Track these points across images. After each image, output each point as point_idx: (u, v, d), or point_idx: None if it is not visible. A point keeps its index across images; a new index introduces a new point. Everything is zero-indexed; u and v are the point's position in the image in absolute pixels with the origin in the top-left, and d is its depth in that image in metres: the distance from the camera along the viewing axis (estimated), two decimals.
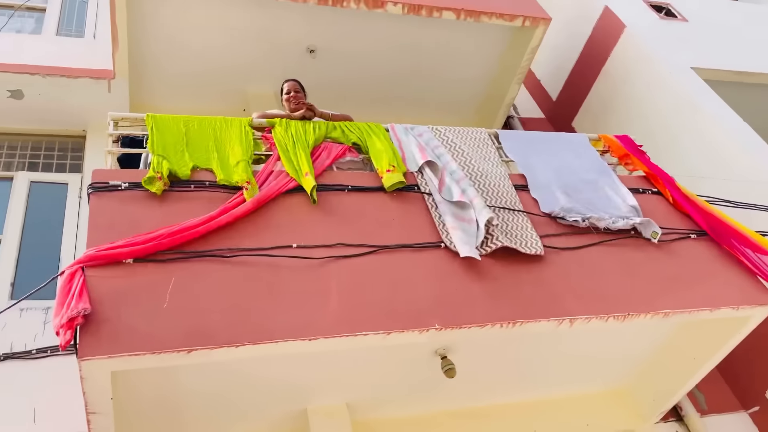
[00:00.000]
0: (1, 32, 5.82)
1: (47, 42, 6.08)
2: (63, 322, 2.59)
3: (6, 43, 5.69)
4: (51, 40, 6.15)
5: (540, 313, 3.40)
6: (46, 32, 6.29)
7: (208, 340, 2.77)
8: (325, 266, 3.27)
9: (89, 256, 2.90)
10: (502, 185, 4.06)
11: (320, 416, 3.95)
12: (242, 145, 3.76)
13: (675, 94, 5.96)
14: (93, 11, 6.74)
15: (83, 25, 6.59)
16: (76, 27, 6.57)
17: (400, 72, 6.39)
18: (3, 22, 6.18)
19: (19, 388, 3.85)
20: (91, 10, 6.75)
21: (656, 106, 6.08)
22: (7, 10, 6.45)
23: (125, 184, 3.31)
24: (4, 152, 5.41)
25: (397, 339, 3.14)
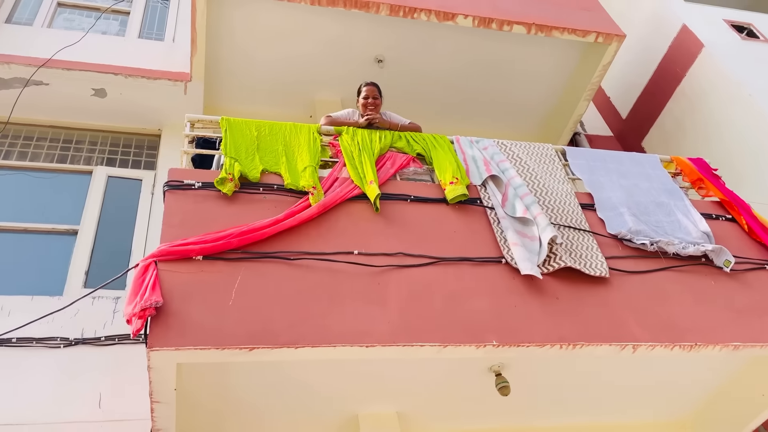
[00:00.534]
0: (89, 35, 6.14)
1: (130, 44, 6.38)
2: (136, 311, 2.72)
3: (92, 43, 6.01)
4: (133, 43, 6.45)
5: (602, 336, 3.32)
6: (129, 35, 6.61)
7: (269, 339, 2.84)
8: (384, 274, 3.30)
9: (162, 251, 3.02)
10: (568, 203, 3.99)
11: (371, 423, 3.97)
12: (310, 151, 3.84)
13: (756, 117, 5.71)
14: (173, 16, 7.04)
15: (164, 29, 6.89)
16: (157, 30, 6.87)
17: (467, 84, 6.38)
18: (90, 23, 6.53)
19: (87, 373, 4.03)
20: (171, 15, 7.05)
21: (735, 129, 5.85)
22: (93, 12, 6.81)
23: (198, 184, 3.43)
24: (85, 147, 5.71)
25: (452, 353, 3.13)
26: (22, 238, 4.86)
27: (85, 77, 5.50)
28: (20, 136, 5.61)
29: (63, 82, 5.48)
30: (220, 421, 3.74)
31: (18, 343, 4.07)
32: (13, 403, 3.78)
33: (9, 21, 6.24)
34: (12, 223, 4.85)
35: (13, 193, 5.16)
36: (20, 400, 3.81)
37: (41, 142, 5.63)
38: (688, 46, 6.44)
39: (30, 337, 4.09)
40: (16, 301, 4.27)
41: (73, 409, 3.84)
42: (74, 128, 5.82)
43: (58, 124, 5.76)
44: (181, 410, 3.26)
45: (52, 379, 3.95)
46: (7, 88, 5.44)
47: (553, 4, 6.09)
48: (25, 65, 5.33)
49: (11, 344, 4.06)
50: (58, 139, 5.70)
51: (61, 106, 5.65)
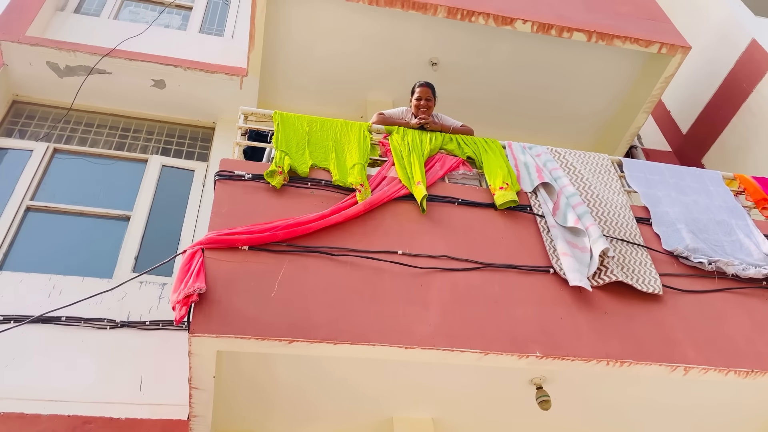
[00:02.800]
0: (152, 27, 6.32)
1: (190, 38, 6.53)
2: (180, 298, 2.75)
3: (155, 35, 6.17)
4: (194, 37, 6.60)
5: (652, 356, 3.18)
6: (190, 29, 6.76)
7: (309, 333, 2.83)
8: (428, 276, 3.25)
9: (210, 239, 3.05)
10: (623, 215, 3.85)
11: (406, 427, 3.91)
12: (360, 148, 3.83)
13: None
14: (234, 12, 7.17)
15: (224, 25, 7.02)
16: (217, 26, 7.02)
17: (522, 91, 6.26)
18: (154, 17, 6.72)
19: (130, 356, 4.11)
20: (232, 12, 7.19)
21: None
22: (158, 6, 7.00)
23: (248, 175, 3.46)
24: (142, 136, 5.86)
25: (493, 361, 3.06)
26: (77, 221, 5.01)
27: (146, 68, 5.64)
28: (82, 122, 5.80)
29: (125, 72, 5.64)
30: (255, 412, 3.75)
31: (67, 322, 4.18)
32: (57, 379, 3.88)
33: (77, 11, 6.47)
34: (69, 206, 5.00)
35: (72, 176, 5.33)
36: (65, 377, 3.91)
37: (101, 129, 5.80)
38: (757, 61, 6.16)
39: (78, 317, 4.21)
40: (68, 281, 4.39)
41: (114, 390, 3.91)
42: (133, 117, 5.98)
43: (118, 113, 5.93)
44: (219, 398, 3.29)
45: (96, 359, 4.04)
46: (72, 75, 5.63)
47: (617, 13, 5.93)
48: (90, 54, 5.51)
49: (60, 323, 4.18)
50: (117, 127, 5.87)
51: (121, 95, 5.82)
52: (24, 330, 3.92)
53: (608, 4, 6.02)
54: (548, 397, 3.60)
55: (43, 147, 5.38)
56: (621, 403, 3.98)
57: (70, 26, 6.09)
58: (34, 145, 5.39)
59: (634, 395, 3.90)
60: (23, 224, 4.85)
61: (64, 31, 5.95)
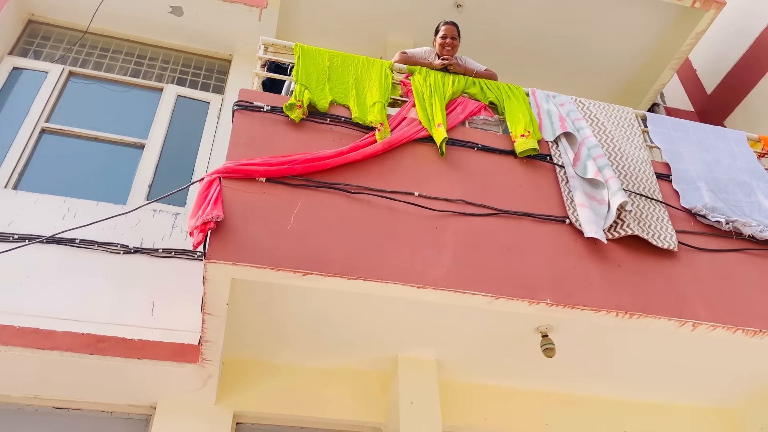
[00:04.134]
0: None
1: None
2: (197, 224, 2.75)
3: None
4: None
5: (662, 310, 3.20)
6: None
7: (323, 267, 2.85)
8: (443, 219, 3.24)
9: (228, 168, 3.03)
10: (643, 170, 3.80)
11: (410, 366, 3.98)
12: (381, 87, 3.76)
13: None
14: None
15: None
16: None
17: (549, 38, 6.08)
18: None
19: (143, 281, 4.16)
20: None
21: None
22: None
23: (267, 107, 3.41)
24: (158, 64, 5.77)
25: (503, 305, 3.08)
26: (91, 146, 4.99)
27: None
28: (97, 47, 5.70)
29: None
30: (264, 341, 3.83)
31: (81, 244, 4.21)
32: (71, 299, 3.93)
33: None
34: (83, 130, 4.97)
35: (87, 101, 5.28)
36: (78, 297, 3.95)
37: (117, 55, 5.71)
38: None
39: (92, 240, 4.24)
40: (82, 205, 4.40)
41: (126, 313, 3.97)
42: (149, 44, 5.86)
43: (134, 39, 5.82)
44: (230, 325, 3.34)
45: (109, 283, 4.08)
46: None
47: None
48: None
49: (75, 245, 4.21)
50: (133, 54, 5.77)
51: (138, 20, 5.69)
52: (38, 250, 3.97)
53: None
54: (553, 345, 3.64)
55: (58, 69, 5.31)
56: (627, 357, 4.03)
57: None
58: (49, 66, 5.32)
59: (638, 351, 3.95)
60: (38, 146, 4.84)
61: None
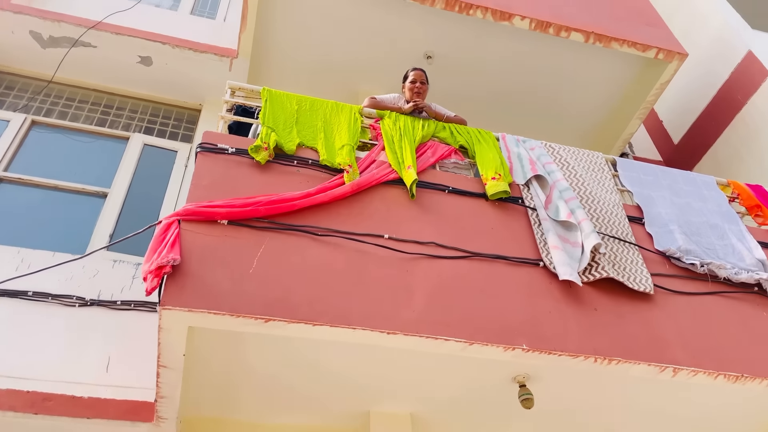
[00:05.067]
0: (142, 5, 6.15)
1: (181, 18, 6.37)
2: (152, 268, 2.60)
3: (144, 13, 6.01)
4: (185, 17, 6.44)
5: (642, 355, 3.08)
6: (181, 9, 6.60)
7: (287, 312, 2.69)
8: (414, 262, 3.12)
9: (187, 210, 2.91)
10: (615, 213, 3.76)
11: (383, 422, 3.77)
12: (349, 130, 3.70)
13: None
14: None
15: (216, 8, 6.88)
16: (209, 9, 6.86)
17: (516, 89, 6.17)
18: None
19: (99, 335, 3.93)
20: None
21: None
22: None
23: (232, 149, 3.32)
24: (125, 113, 5.68)
25: (478, 352, 2.94)
26: (51, 195, 4.81)
27: (133, 43, 5.47)
28: (63, 96, 5.61)
29: (111, 46, 5.47)
30: (225, 397, 3.59)
31: (33, 297, 4.00)
32: (20, 355, 3.69)
33: None
34: (43, 179, 4.81)
35: (49, 150, 5.14)
36: (28, 353, 3.71)
37: (82, 105, 5.61)
38: (752, 73, 6.13)
39: (46, 293, 4.02)
40: (38, 255, 4.20)
41: (79, 370, 3.72)
42: (116, 94, 5.80)
43: (100, 89, 5.75)
44: (188, 380, 3.12)
45: (62, 337, 3.85)
46: (55, 46, 5.45)
47: (615, 16, 5.87)
48: (75, 25, 5.33)
49: (27, 297, 3.98)
50: (99, 104, 5.69)
51: (106, 70, 5.64)
52: None
53: (606, 8, 5.97)
54: (531, 395, 3.48)
55: (20, 118, 5.19)
56: (605, 405, 3.88)
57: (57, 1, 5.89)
58: (11, 115, 5.19)
59: (618, 398, 3.80)
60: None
61: (49, 3, 5.77)
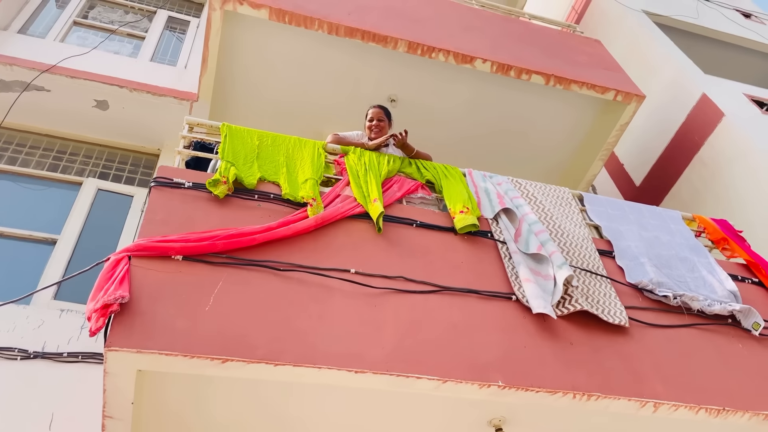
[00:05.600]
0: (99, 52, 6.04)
1: (140, 65, 6.25)
2: (97, 307, 2.38)
3: (102, 59, 5.89)
4: (144, 64, 6.32)
5: (621, 390, 2.95)
6: (141, 57, 6.50)
7: (246, 352, 2.48)
8: (382, 297, 2.97)
9: (139, 245, 2.71)
10: (585, 247, 3.70)
11: None
12: (313, 164, 3.59)
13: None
14: (189, 45, 6.97)
15: (177, 56, 6.80)
16: (170, 57, 6.79)
17: (480, 131, 6.21)
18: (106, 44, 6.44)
19: (42, 390, 3.62)
20: (187, 43, 6.99)
21: (757, 198, 5.60)
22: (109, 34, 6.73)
23: (189, 183, 3.16)
24: (79, 159, 5.47)
25: (451, 390, 2.76)
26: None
27: (89, 87, 5.33)
28: (13, 142, 5.38)
29: (65, 90, 5.31)
30: None
31: None
32: None
33: (23, 32, 6.14)
34: None
35: None
36: None
37: (33, 150, 5.39)
38: (707, 115, 6.32)
39: None
40: None
41: (21, 428, 3.41)
42: (70, 139, 5.60)
43: (54, 134, 5.55)
44: None
45: (2, 392, 3.53)
46: (7, 90, 5.27)
47: (574, 61, 6.02)
48: (28, 69, 5.18)
49: None
50: (52, 149, 5.47)
51: (60, 115, 5.46)
52: None
53: (565, 53, 6.13)
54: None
55: None
56: None
57: (12, 44, 5.72)
58: None
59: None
60: None
61: (4, 48, 5.60)
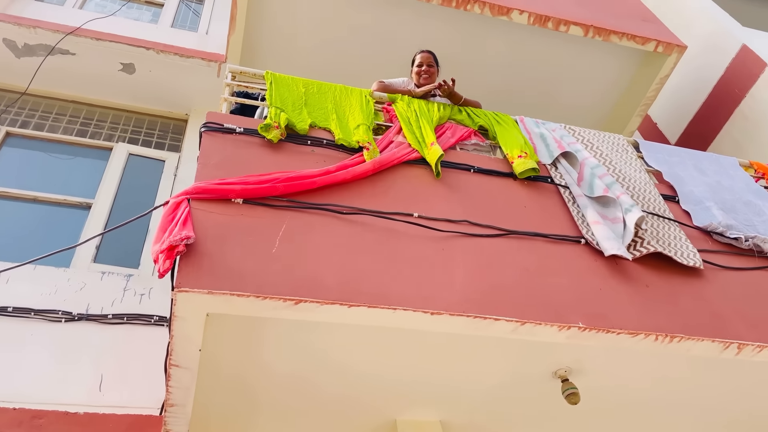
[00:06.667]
0: (119, 18, 5.88)
1: (162, 30, 6.09)
2: (163, 248, 2.25)
3: (124, 24, 5.73)
4: (166, 30, 6.16)
5: (704, 331, 2.80)
6: (161, 23, 6.33)
7: (319, 293, 2.35)
8: (449, 241, 2.82)
9: (198, 188, 2.58)
10: (649, 191, 3.53)
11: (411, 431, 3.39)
12: (363, 111, 3.44)
13: None
14: (208, 12, 6.79)
15: (197, 22, 6.63)
16: (190, 23, 6.61)
17: (517, 86, 6.01)
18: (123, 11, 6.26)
19: (89, 352, 3.52)
20: (206, 10, 6.81)
21: None
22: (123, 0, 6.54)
23: (240, 129, 3.01)
24: (107, 125, 5.33)
25: (529, 333, 2.62)
26: (30, 208, 4.41)
27: (114, 49, 5.16)
28: (39, 109, 5.24)
29: (90, 53, 5.15)
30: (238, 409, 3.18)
31: (15, 313, 3.59)
32: (9, 377, 3.27)
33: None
34: (21, 191, 4.42)
35: (26, 162, 4.76)
36: (9, 374, 3.29)
37: (61, 116, 5.25)
38: (748, 66, 6.09)
39: (29, 308, 3.62)
40: (17, 270, 3.77)
41: (69, 390, 3.31)
42: (97, 105, 5.46)
43: (80, 100, 5.41)
44: (202, 385, 2.72)
45: (49, 356, 3.44)
46: (31, 55, 5.12)
47: (612, 12, 5.80)
48: (52, 31, 5.02)
49: (7, 314, 3.58)
50: (78, 116, 5.33)
51: (86, 79, 5.31)
52: None
53: (602, 4, 5.90)
54: (576, 389, 3.15)
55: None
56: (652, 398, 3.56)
57: (32, 10, 5.58)
58: None
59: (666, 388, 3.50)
60: None
61: (24, 10, 5.45)
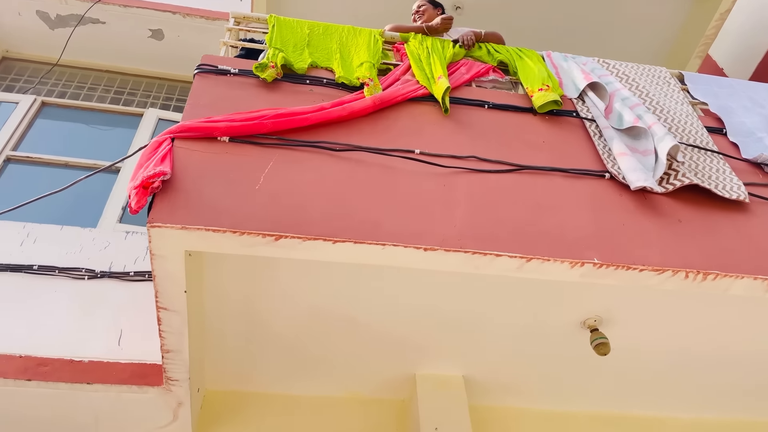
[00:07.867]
0: None
1: None
2: (137, 183, 2.17)
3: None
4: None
5: (744, 267, 2.47)
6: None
7: (302, 229, 2.21)
8: (453, 177, 2.61)
9: (182, 126, 2.48)
10: (690, 123, 3.17)
11: (431, 385, 3.23)
12: (369, 50, 3.24)
13: None
14: None
15: None
16: None
17: (559, 31, 5.61)
18: None
19: (110, 308, 3.55)
20: None
21: None
22: None
23: (235, 70, 2.89)
24: (139, 93, 5.38)
25: (537, 270, 2.38)
26: (61, 172, 4.50)
27: (142, 15, 5.18)
28: (74, 80, 5.35)
29: (119, 21, 5.19)
30: (251, 366, 3.12)
31: (39, 270, 3.65)
32: (23, 330, 3.33)
33: None
34: (53, 157, 4.51)
35: (59, 129, 4.86)
36: (33, 329, 3.36)
37: (95, 86, 5.34)
38: None
39: (53, 266, 3.68)
40: (44, 230, 3.86)
41: (89, 344, 3.34)
42: (129, 74, 5.52)
43: (113, 69, 5.48)
44: (197, 331, 2.66)
45: (70, 311, 3.48)
46: (63, 26, 5.21)
47: None
48: (81, 0, 5.08)
49: (32, 271, 3.65)
50: (112, 86, 5.41)
51: (117, 48, 5.37)
52: None
53: None
54: (606, 339, 2.90)
55: (29, 99, 4.92)
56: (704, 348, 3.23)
57: None
58: (20, 97, 4.94)
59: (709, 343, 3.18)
60: (1, 174, 4.37)
61: None
